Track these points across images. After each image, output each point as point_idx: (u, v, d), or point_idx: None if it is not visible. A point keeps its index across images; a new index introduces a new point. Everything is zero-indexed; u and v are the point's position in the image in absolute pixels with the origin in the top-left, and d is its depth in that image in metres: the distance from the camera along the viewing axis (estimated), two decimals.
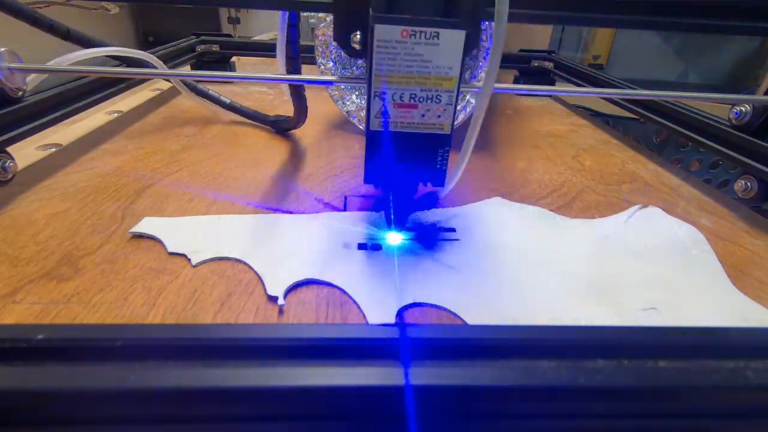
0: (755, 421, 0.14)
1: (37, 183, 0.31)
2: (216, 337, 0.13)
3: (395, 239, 0.26)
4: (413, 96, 0.19)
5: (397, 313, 0.21)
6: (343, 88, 0.42)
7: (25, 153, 0.36)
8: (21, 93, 0.29)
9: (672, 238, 0.27)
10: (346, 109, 0.43)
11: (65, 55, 0.31)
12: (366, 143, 0.20)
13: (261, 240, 0.26)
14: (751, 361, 0.13)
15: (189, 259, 0.23)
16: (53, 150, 0.37)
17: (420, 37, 0.18)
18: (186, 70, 0.60)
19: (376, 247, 0.25)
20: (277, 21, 0.26)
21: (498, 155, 0.43)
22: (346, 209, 0.30)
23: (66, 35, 0.34)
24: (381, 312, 0.21)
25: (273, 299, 0.21)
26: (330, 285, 0.22)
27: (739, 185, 0.33)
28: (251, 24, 1.27)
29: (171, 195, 0.31)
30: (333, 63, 0.41)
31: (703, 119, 0.38)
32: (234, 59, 0.68)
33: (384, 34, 0.18)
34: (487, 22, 0.20)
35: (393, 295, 0.22)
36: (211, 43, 0.65)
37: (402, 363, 0.13)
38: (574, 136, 0.50)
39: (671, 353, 0.14)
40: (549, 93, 0.65)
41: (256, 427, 0.13)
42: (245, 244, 0.25)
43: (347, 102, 0.43)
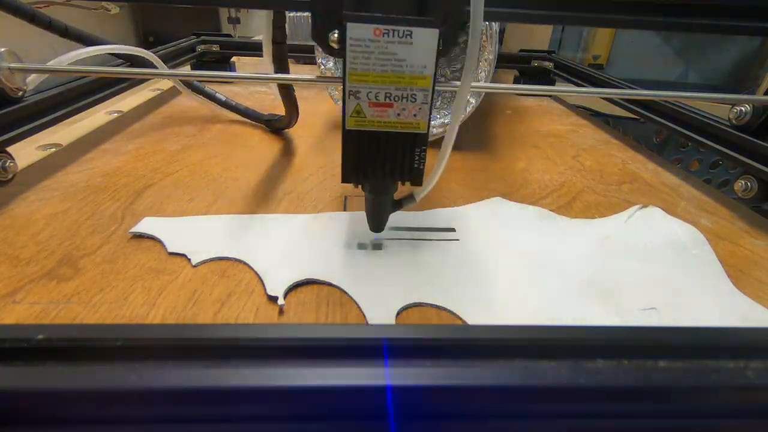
0: (755, 421, 0.14)
1: (37, 183, 0.31)
2: (216, 337, 0.13)
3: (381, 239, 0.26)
4: (388, 95, 0.19)
5: (397, 313, 0.21)
6: None
7: (25, 153, 0.36)
8: (21, 93, 0.29)
9: (672, 238, 0.27)
10: None
11: (65, 54, 0.31)
12: (342, 142, 0.20)
13: (261, 240, 0.26)
14: (751, 361, 0.13)
15: (189, 259, 0.23)
16: (53, 150, 0.37)
17: (393, 36, 0.18)
18: (186, 70, 0.60)
19: (376, 247, 0.25)
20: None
21: (498, 155, 0.43)
22: (346, 209, 0.30)
23: (64, 33, 0.34)
24: (381, 312, 0.21)
25: (273, 299, 0.21)
26: (330, 285, 0.22)
27: (739, 185, 0.33)
28: (251, 24, 1.27)
29: (171, 195, 0.31)
30: (333, 63, 0.42)
31: (703, 119, 0.38)
32: (234, 59, 0.68)
33: (357, 32, 0.18)
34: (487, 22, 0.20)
35: (393, 295, 0.22)
36: (211, 43, 0.65)
37: (402, 363, 0.13)
38: (574, 136, 0.50)
39: (671, 353, 0.14)
40: (549, 93, 0.65)
41: (256, 427, 0.13)
42: (245, 244, 0.25)
43: None
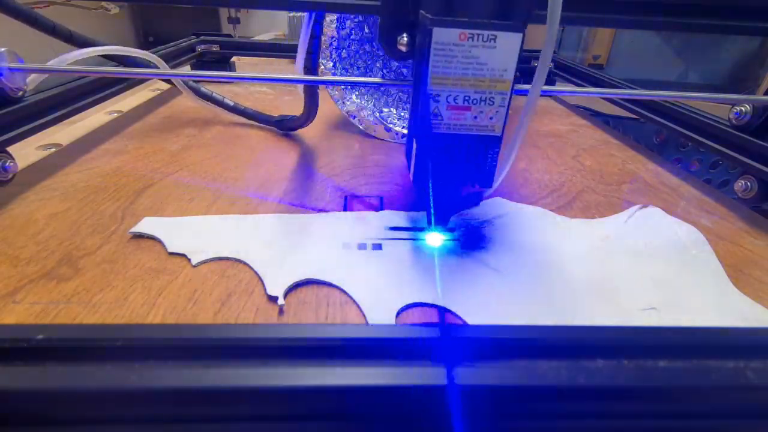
0: (755, 421, 0.14)
1: (37, 183, 0.31)
2: (216, 337, 0.13)
3: (436, 239, 0.26)
4: (467, 98, 0.20)
5: (397, 313, 0.21)
6: (343, 88, 0.42)
7: (25, 153, 0.36)
8: (21, 93, 0.29)
9: (672, 238, 0.27)
10: (346, 110, 0.43)
11: (65, 55, 0.31)
12: (417, 144, 0.21)
13: (261, 240, 0.26)
14: (751, 361, 0.13)
15: (189, 259, 0.23)
16: (53, 150, 0.37)
17: (477, 40, 0.18)
18: (186, 70, 0.60)
19: (376, 247, 0.25)
20: (277, 22, 0.26)
21: None
22: (346, 209, 0.30)
23: (69, 38, 0.34)
24: (381, 312, 0.21)
25: (273, 299, 0.21)
26: (330, 285, 0.22)
27: (739, 185, 0.33)
28: (251, 24, 1.27)
29: (171, 195, 0.31)
30: (333, 63, 0.42)
31: (703, 119, 0.38)
32: (234, 59, 0.68)
33: (442, 36, 0.18)
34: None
35: (393, 295, 0.22)
36: (211, 43, 0.65)
37: (402, 363, 0.13)
38: (574, 136, 0.50)
39: (671, 353, 0.14)
40: (549, 93, 0.65)
41: (256, 427, 0.13)
42: (245, 244, 0.25)
43: (347, 102, 0.43)
